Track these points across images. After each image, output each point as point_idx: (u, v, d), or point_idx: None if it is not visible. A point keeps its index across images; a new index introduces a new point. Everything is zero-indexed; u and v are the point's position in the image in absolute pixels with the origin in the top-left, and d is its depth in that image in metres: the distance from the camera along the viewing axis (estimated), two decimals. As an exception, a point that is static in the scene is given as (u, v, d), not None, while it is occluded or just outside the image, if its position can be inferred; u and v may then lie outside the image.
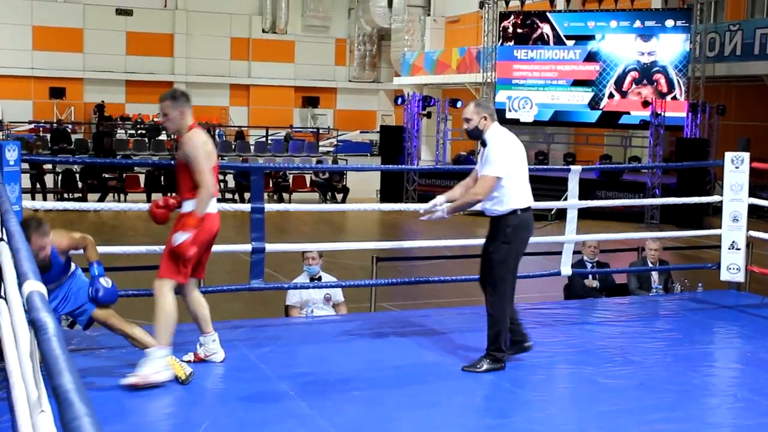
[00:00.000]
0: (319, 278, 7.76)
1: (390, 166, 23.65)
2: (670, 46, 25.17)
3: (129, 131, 34.63)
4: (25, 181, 20.94)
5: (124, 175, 23.92)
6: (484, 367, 5.77)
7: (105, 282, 5.31)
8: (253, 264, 7.05)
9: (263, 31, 42.15)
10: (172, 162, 5.78)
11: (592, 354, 6.47)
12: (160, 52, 40.03)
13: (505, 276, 5.88)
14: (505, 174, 5.72)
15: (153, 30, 39.82)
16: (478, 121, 5.83)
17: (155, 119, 37.01)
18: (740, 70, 24.84)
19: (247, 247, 7.03)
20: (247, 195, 22.57)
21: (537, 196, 6.16)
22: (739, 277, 8.46)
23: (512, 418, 5.12)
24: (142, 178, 24.63)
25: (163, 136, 30.96)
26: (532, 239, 6.12)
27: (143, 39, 39.55)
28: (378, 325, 6.99)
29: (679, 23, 24.97)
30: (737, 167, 8.39)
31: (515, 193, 5.80)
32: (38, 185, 23.01)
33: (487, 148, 5.78)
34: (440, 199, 5.95)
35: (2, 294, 4.55)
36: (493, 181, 5.69)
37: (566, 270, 8.40)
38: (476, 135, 5.87)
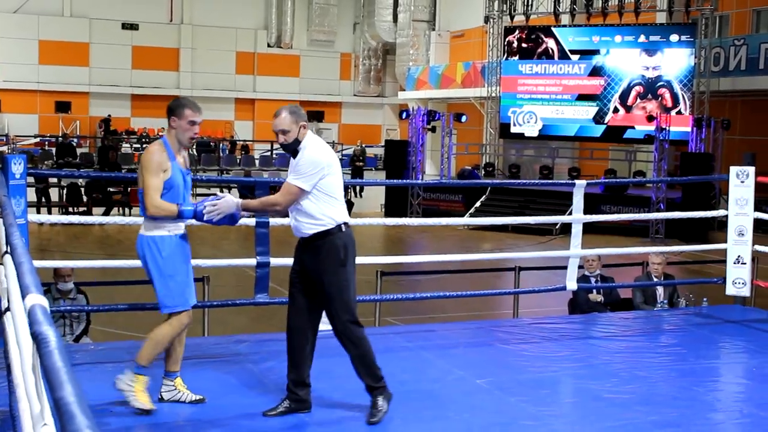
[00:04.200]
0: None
1: (394, 180, 23.65)
2: (674, 61, 25.20)
3: (134, 145, 34.71)
4: (31, 194, 21.00)
5: (129, 189, 23.96)
6: (381, 404, 5.10)
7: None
8: (258, 278, 7.04)
9: (268, 45, 42.29)
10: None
11: (596, 369, 6.45)
12: (166, 66, 40.18)
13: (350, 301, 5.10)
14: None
15: (159, 44, 40.00)
16: (297, 132, 5.09)
17: (160, 133, 37.14)
18: (745, 85, 24.86)
19: (252, 261, 7.02)
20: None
21: (542, 211, 6.16)
22: (745, 292, 8.43)
23: (517, 433, 5.10)
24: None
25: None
26: (536, 254, 6.10)
27: (149, 53, 39.72)
28: (382, 340, 6.97)
29: (683, 38, 25.01)
30: (742, 182, 8.38)
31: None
32: (43, 199, 23.05)
33: (299, 158, 5.07)
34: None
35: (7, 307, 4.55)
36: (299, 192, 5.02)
37: (571, 285, 8.38)
38: (294, 148, 5.09)
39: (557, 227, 20.67)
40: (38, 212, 20.39)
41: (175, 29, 40.55)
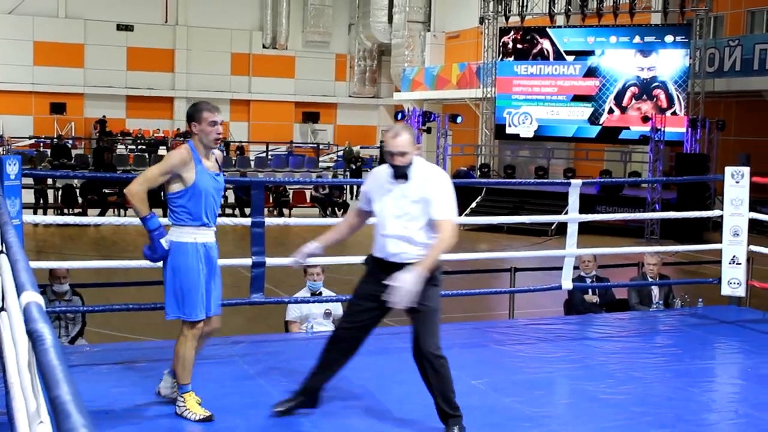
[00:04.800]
0: (320, 293, 7.75)
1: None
2: (669, 62, 25.24)
3: (129, 146, 34.69)
4: (28, 196, 20.98)
5: (125, 190, 23.94)
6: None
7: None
8: (253, 278, 7.04)
9: (264, 46, 42.27)
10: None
11: (592, 370, 6.46)
12: (161, 67, 40.14)
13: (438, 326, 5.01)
14: None
15: (154, 45, 39.94)
16: (413, 153, 4.86)
17: (155, 134, 37.12)
18: (740, 86, 24.90)
19: (248, 261, 7.02)
20: (247, 210, 22.56)
21: (537, 211, 6.16)
22: (740, 292, 8.45)
23: (513, 433, 5.10)
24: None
25: (163, 151, 30.95)
26: (531, 254, 6.11)
27: (144, 54, 39.67)
28: (378, 341, 6.95)
29: (678, 39, 25.05)
30: (737, 182, 8.40)
31: None
32: (41, 200, 23.03)
33: (432, 185, 4.84)
34: (312, 246, 5.36)
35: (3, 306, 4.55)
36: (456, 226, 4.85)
37: (567, 284, 8.39)
38: (404, 171, 4.84)
39: (553, 228, 20.68)
40: (35, 213, 20.35)
41: (170, 30, 40.51)
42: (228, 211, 24.96)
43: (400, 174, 4.82)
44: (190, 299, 4.99)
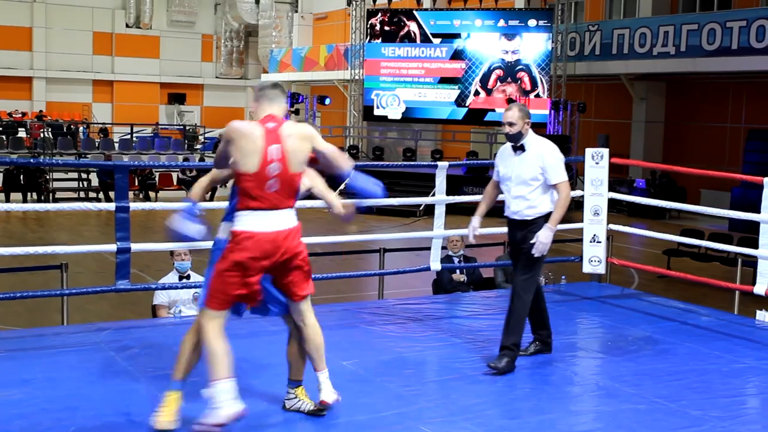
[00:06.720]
0: (188, 276, 7.64)
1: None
2: (532, 45, 25.82)
3: (-14, 128, 33.27)
4: None
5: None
6: (505, 362, 5.96)
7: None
8: (118, 264, 6.89)
9: (127, 26, 41.19)
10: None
11: (460, 347, 6.58)
12: (18, 45, 38.59)
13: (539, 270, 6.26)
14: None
15: (10, 23, 38.33)
16: (522, 126, 6.04)
17: (14, 115, 35.72)
18: (599, 69, 25.69)
19: (112, 247, 6.86)
20: (112, 194, 22.04)
21: (406, 193, 6.27)
22: (601, 269, 8.73)
23: (383, 413, 5.15)
24: (-1, 177, 23.78)
25: (22, 134, 29.85)
26: (400, 235, 6.21)
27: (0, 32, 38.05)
28: (247, 324, 6.88)
29: (541, 23, 25.66)
30: (597, 163, 8.67)
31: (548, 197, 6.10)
32: None
33: (545, 155, 6.04)
34: (476, 221, 6.48)
35: None
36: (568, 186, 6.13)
37: (435, 265, 8.52)
38: (516, 139, 6.07)
39: (421, 208, 20.93)
40: None
41: (27, 7, 38.97)
42: (92, 195, 24.35)
43: (517, 147, 6.08)
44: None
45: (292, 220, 4.71)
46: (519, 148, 6.09)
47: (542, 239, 5.95)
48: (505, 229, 6.52)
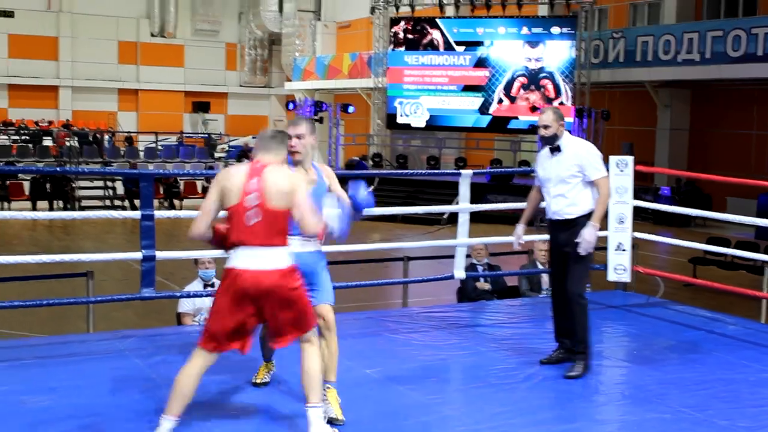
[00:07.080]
0: (212, 284, 7.67)
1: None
2: (556, 53, 25.76)
3: (12, 137, 33.55)
4: None
5: (8, 182, 23.20)
6: (581, 367, 6.13)
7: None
8: (143, 273, 6.91)
9: (152, 35, 41.44)
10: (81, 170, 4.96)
11: (484, 356, 6.56)
12: (45, 55, 38.92)
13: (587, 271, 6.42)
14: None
15: (36, 32, 38.67)
16: (557, 128, 6.13)
17: (40, 124, 36.02)
18: (623, 76, 25.58)
19: (138, 255, 6.88)
20: (137, 202, 22.17)
21: (429, 201, 6.27)
22: (626, 278, 8.66)
23: (407, 421, 5.13)
24: (26, 185, 23.94)
25: (48, 142, 30.09)
26: (424, 243, 6.20)
27: (26, 42, 38.37)
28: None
29: (564, 30, 25.59)
30: (622, 171, 8.61)
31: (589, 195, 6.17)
32: None
33: (582, 154, 6.13)
34: (520, 228, 6.52)
35: None
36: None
37: (459, 273, 8.50)
38: (551, 141, 6.15)
39: (445, 217, 20.90)
40: None
41: (54, 17, 39.30)
42: (117, 203, 24.52)
43: (554, 148, 6.17)
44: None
45: (281, 260, 4.56)
46: (555, 150, 6.18)
47: (586, 237, 6.04)
48: (529, 237, 6.53)
